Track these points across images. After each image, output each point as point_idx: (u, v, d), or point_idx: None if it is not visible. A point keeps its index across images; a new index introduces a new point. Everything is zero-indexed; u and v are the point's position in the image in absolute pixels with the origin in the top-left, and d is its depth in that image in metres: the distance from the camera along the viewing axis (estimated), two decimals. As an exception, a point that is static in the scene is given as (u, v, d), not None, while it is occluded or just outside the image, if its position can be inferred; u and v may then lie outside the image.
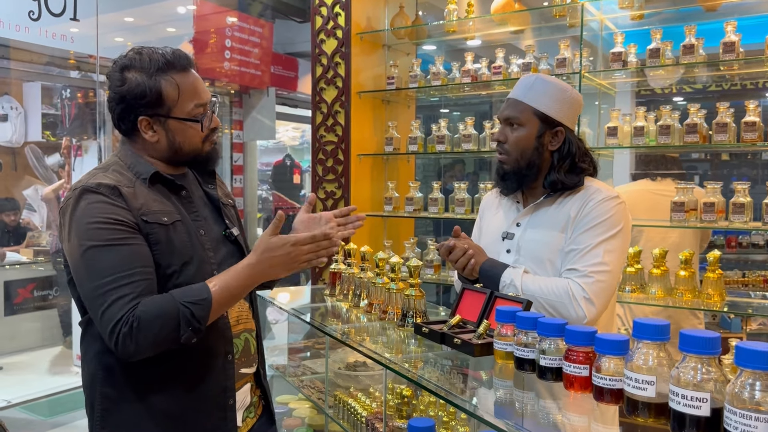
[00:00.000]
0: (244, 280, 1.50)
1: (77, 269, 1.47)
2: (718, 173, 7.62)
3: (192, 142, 1.61)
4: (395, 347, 1.73)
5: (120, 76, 1.55)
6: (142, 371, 1.52)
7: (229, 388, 1.62)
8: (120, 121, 1.58)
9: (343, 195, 3.50)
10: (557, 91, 1.90)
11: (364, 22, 3.57)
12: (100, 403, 1.55)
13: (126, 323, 1.39)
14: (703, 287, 2.70)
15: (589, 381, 1.29)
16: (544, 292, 1.81)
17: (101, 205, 1.47)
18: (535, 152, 1.90)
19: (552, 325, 1.37)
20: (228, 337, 1.62)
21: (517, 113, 1.90)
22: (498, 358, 1.51)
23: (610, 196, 1.87)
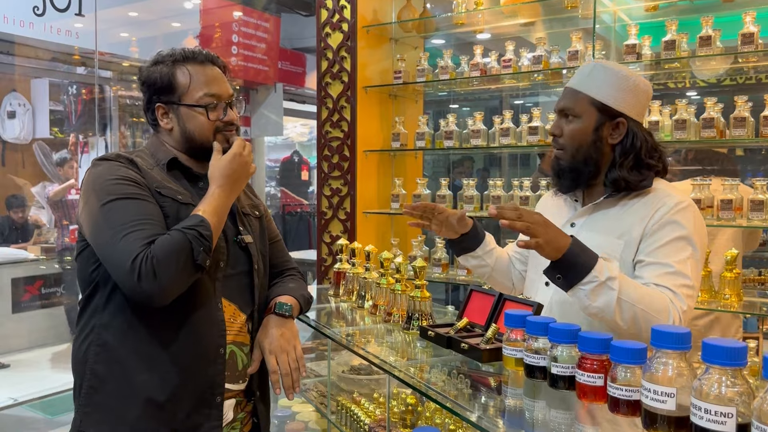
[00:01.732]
0: (223, 198, 1.59)
1: (95, 223, 1.51)
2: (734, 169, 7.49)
3: (202, 131, 1.66)
4: (399, 351, 1.66)
5: (147, 68, 1.68)
6: (135, 350, 1.53)
7: (218, 384, 1.60)
8: (146, 111, 1.71)
9: (349, 192, 3.43)
10: (618, 78, 1.72)
11: (371, 15, 3.49)
12: (88, 380, 1.55)
13: (145, 259, 1.42)
14: (720, 287, 2.61)
15: (603, 391, 1.22)
16: (646, 303, 1.54)
17: (120, 168, 1.57)
18: (592, 146, 1.72)
19: (564, 331, 1.30)
20: (222, 330, 1.61)
21: (572, 103, 1.74)
22: (507, 364, 1.44)
23: (685, 203, 1.68)
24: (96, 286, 1.58)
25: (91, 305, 1.59)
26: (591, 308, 1.53)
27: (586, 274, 1.51)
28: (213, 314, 1.60)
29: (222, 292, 1.63)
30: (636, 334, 1.54)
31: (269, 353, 1.67)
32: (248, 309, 1.71)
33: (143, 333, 1.54)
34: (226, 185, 1.61)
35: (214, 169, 1.62)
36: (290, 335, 1.72)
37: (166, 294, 1.48)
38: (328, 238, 3.52)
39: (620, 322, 1.53)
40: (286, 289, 1.83)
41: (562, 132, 1.77)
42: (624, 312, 1.52)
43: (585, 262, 1.52)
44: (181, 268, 1.47)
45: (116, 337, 1.54)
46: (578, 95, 1.74)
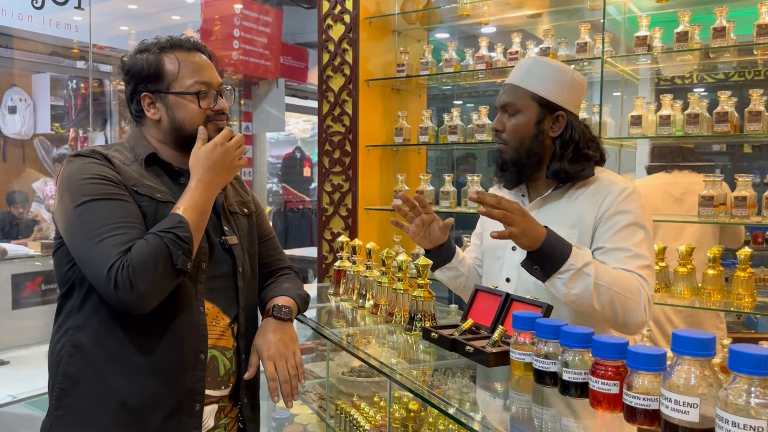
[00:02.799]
0: (203, 193, 1.50)
1: (70, 224, 1.44)
2: (739, 166, 7.39)
3: (192, 120, 1.58)
4: (401, 354, 1.59)
5: (131, 57, 1.60)
6: (110, 352, 1.47)
7: (197, 391, 1.53)
8: (129, 102, 1.62)
9: (350, 188, 3.35)
10: (556, 72, 1.77)
11: (373, 7, 3.40)
12: (60, 383, 1.49)
13: (122, 267, 1.36)
14: (733, 287, 2.53)
15: (619, 399, 1.14)
16: (620, 286, 1.60)
17: (94, 165, 1.49)
18: (534, 140, 1.77)
19: (576, 335, 1.22)
20: (203, 334, 1.54)
21: (514, 99, 1.78)
22: (515, 369, 1.36)
23: (629, 189, 1.75)
24: (72, 286, 1.52)
25: (67, 306, 1.54)
26: (570, 296, 1.59)
27: (563, 263, 1.57)
28: (194, 318, 1.53)
29: (204, 294, 1.56)
30: (612, 318, 1.62)
31: (267, 359, 1.60)
32: (233, 311, 1.63)
33: (119, 336, 1.47)
34: (207, 178, 1.52)
35: (194, 159, 1.53)
36: (289, 340, 1.65)
37: (145, 303, 1.41)
38: (329, 235, 3.44)
39: (597, 307, 1.59)
40: (282, 290, 1.76)
41: (504, 127, 1.80)
42: (601, 296, 1.58)
43: (561, 251, 1.58)
44: (160, 275, 1.40)
45: (91, 339, 1.48)
46: (519, 90, 1.78)
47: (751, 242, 4.28)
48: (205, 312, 1.56)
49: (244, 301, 1.66)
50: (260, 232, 1.81)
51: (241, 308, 1.65)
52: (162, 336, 1.49)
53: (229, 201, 1.70)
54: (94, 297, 1.48)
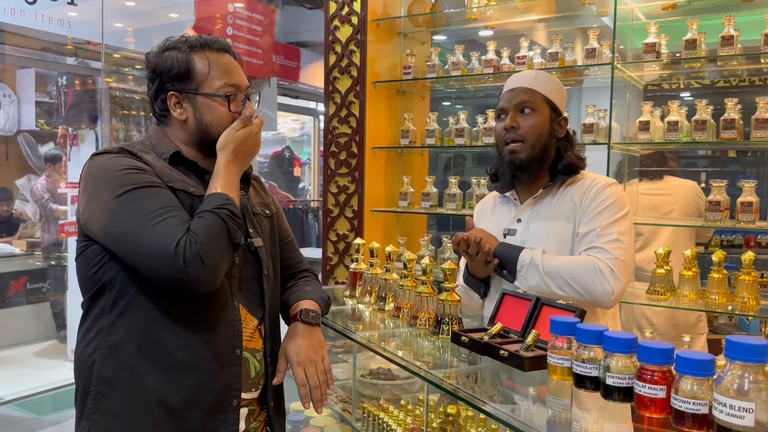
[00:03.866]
0: (234, 173, 1.52)
1: (113, 216, 1.41)
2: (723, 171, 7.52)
3: (220, 123, 1.55)
4: (434, 358, 1.59)
5: (157, 55, 1.57)
6: (147, 351, 1.44)
7: (234, 387, 1.52)
8: (153, 101, 1.59)
9: (356, 189, 3.35)
10: (556, 82, 1.97)
11: (380, 9, 3.41)
12: (95, 386, 1.46)
13: (189, 243, 1.35)
14: (738, 290, 2.58)
15: (666, 403, 1.15)
16: (569, 268, 1.79)
17: (125, 158, 1.47)
18: (549, 137, 1.92)
19: (621, 341, 1.24)
20: (238, 330, 1.53)
21: (531, 98, 1.90)
22: (552, 373, 1.37)
23: (610, 182, 1.93)
24: (101, 287, 1.49)
25: (96, 307, 1.50)
26: (532, 288, 1.79)
27: (515, 263, 1.84)
28: (229, 314, 1.53)
29: (237, 292, 1.56)
30: (575, 296, 1.77)
31: (297, 365, 1.59)
32: (259, 314, 1.63)
33: (155, 334, 1.46)
34: (236, 159, 1.53)
35: (226, 140, 1.53)
36: (318, 345, 1.65)
37: (215, 279, 1.41)
38: (334, 236, 3.44)
39: (557, 290, 1.79)
40: (306, 293, 1.75)
41: (519, 125, 1.90)
42: (554, 280, 1.79)
43: (513, 255, 1.85)
44: (223, 248, 1.42)
45: (126, 339, 1.46)
46: (533, 92, 1.91)
47: (744, 245, 4.37)
48: (238, 309, 1.55)
49: (269, 304, 1.66)
50: (280, 234, 1.81)
51: (266, 311, 1.65)
52: (199, 332, 1.48)
53: (252, 202, 1.69)
54: (127, 296, 1.47)
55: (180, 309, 1.45)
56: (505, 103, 1.94)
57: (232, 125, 1.55)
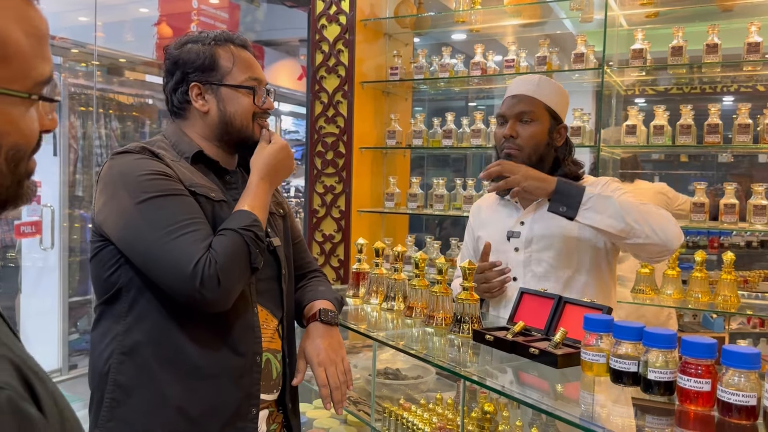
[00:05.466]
0: (266, 192, 1.51)
1: (132, 223, 1.37)
2: (676, 174, 7.81)
3: (243, 115, 1.54)
4: (464, 357, 1.60)
5: (178, 47, 1.55)
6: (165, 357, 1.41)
7: (254, 395, 1.49)
8: (173, 93, 1.55)
9: (344, 190, 3.33)
10: (559, 90, 1.97)
11: (368, 9, 3.40)
12: (110, 393, 1.41)
13: (208, 263, 1.32)
14: (719, 289, 2.68)
15: (711, 396, 1.19)
16: (640, 206, 1.72)
17: (149, 161, 1.43)
18: (547, 147, 1.93)
19: (663, 336, 1.27)
20: (258, 336, 1.50)
21: (532, 107, 1.91)
22: (586, 370, 1.40)
23: (612, 179, 1.95)
24: (117, 291, 1.44)
25: (112, 311, 1.45)
26: (604, 219, 1.69)
27: (582, 195, 1.71)
28: (249, 320, 1.50)
29: (256, 296, 1.53)
30: (650, 232, 1.69)
31: (318, 366, 1.58)
32: (279, 314, 1.61)
33: (174, 339, 1.42)
34: (268, 177, 1.52)
35: (259, 157, 1.53)
36: (337, 345, 1.63)
37: (229, 301, 1.39)
38: (320, 237, 3.41)
39: (632, 224, 1.68)
40: (320, 293, 1.74)
41: (518, 134, 1.91)
42: (630, 214, 1.69)
43: (577, 187, 1.74)
44: (242, 271, 1.39)
45: (143, 344, 1.42)
46: (534, 100, 1.92)
47: (708, 247, 4.55)
48: (258, 314, 1.53)
49: (287, 305, 1.64)
50: (292, 234, 1.79)
51: (285, 311, 1.63)
52: (219, 338, 1.45)
53: None
54: (144, 299, 1.42)
55: (199, 314, 1.41)
56: (505, 109, 1.96)
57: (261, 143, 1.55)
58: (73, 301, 5.34)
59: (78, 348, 5.23)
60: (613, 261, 1.98)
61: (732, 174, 6.64)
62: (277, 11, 7.20)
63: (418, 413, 1.88)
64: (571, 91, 2.13)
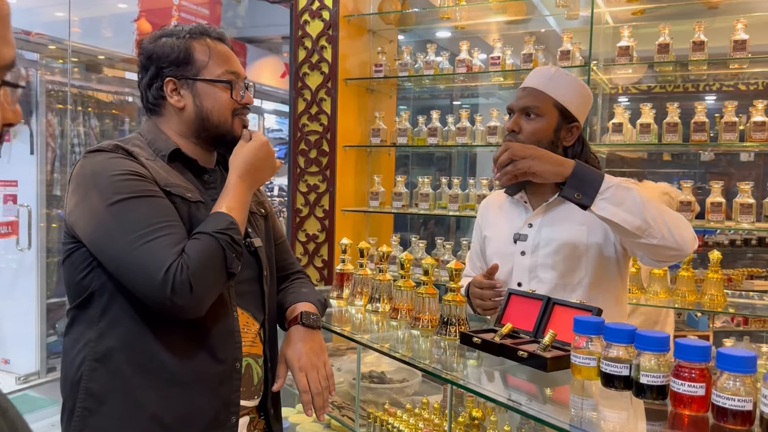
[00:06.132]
0: (246, 193, 1.45)
1: (103, 225, 1.31)
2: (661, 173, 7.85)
3: (221, 110, 1.48)
4: (450, 360, 1.55)
5: (152, 41, 1.49)
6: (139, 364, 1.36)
7: (233, 403, 1.44)
8: (147, 89, 1.50)
9: (327, 189, 3.27)
10: (576, 84, 1.83)
11: (351, 5, 3.35)
12: (82, 401, 1.36)
13: (180, 269, 1.26)
14: (705, 288, 2.67)
15: (705, 401, 1.16)
16: (658, 204, 1.59)
17: (123, 161, 1.37)
18: (551, 146, 1.77)
19: (655, 339, 1.24)
20: (238, 341, 1.45)
21: (537, 102, 1.79)
22: (576, 373, 1.36)
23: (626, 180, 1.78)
24: (90, 295, 1.39)
25: (84, 316, 1.40)
26: (619, 213, 1.54)
27: (600, 183, 1.54)
28: (229, 324, 1.44)
29: (236, 299, 1.47)
30: (666, 233, 1.55)
31: (299, 370, 1.52)
32: (260, 317, 1.55)
33: (149, 345, 1.36)
34: (248, 176, 1.46)
35: (238, 156, 1.46)
36: (319, 349, 1.58)
37: (202, 308, 1.33)
38: (304, 236, 3.35)
39: (651, 221, 1.53)
40: (302, 295, 1.69)
41: (521, 129, 1.79)
42: (648, 211, 1.54)
43: (594, 173, 1.57)
44: (216, 276, 1.33)
45: (117, 350, 1.36)
46: (542, 95, 1.79)
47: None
48: (238, 318, 1.47)
49: (268, 307, 1.59)
50: (274, 234, 1.74)
51: (266, 314, 1.58)
52: (196, 343, 1.39)
53: None
54: (118, 304, 1.36)
55: (175, 319, 1.36)
56: (514, 102, 1.85)
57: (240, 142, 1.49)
58: (51, 302, 5.23)
59: (56, 351, 5.12)
60: (624, 270, 1.86)
61: (711, 172, 6.66)
62: (259, 7, 7.12)
63: (404, 418, 1.84)
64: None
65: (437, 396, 2.04)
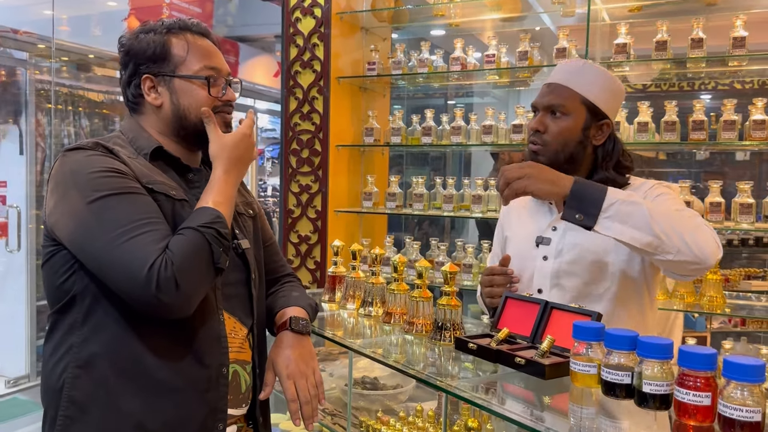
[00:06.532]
0: (232, 186, 1.40)
1: (84, 224, 1.27)
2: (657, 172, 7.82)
3: (198, 108, 1.43)
4: (443, 368, 1.50)
5: (132, 37, 1.45)
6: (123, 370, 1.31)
7: (220, 410, 1.39)
8: (127, 86, 1.46)
9: (320, 189, 3.22)
10: (606, 79, 1.72)
11: (344, 2, 3.29)
12: (64, 410, 1.31)
13: (164, 265, 1.21)
14: (704, 289, 2.63)
15: (711, 410, 1.11)
16: (673, 214, 1.48)
17: (102, 158, 1.33)
18: (578, 146, 1.69)
19: (657, 346, 1.19)
20: (224, 346, 1.40)
21: (563, 100, 1.68)
22: (576, 381, 1.31)
23: (664, 184, 1.72)
24: (72, 299, 1.34)
25: (66, 321, 1.35)
26: (626, 231, 1.44)
27: (602, 200, 1.45)
28: (215, 329, 1.39)
29: (222, 303, 1.42)
30: (681, 245, 1.44)
31: (287, 378, 1.47)
32: (248, 322, 1.51)
33: (133, 351, 1.31)
34: (234, 169, 1.41)
35: (219, 149, 1.40)
36: (308, 356, 1.52)
37: (190, 305, 1.28)
38: (296, 238, 3.29)
39: (662, 236, 1.43)
40: (292, 299, 1.64)
41: (546, 128, 1.69)
42: (660, 224, 1.43)
43: (596, 190, 1.48)
44: (203, 272, 1.29)
45: (99, 357, 1.31)
46: (568, 91, 1.69)
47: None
48: (224, 323, 1.42)
49: (257, 311, 1.54)
50: (263, 235, 1.68)
51: (255, 319, 1.53)
52: (181, 349, 1.34)
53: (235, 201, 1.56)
54: (101, 307, 1.32)
55: (160, 324, 1.31)
56: (537, 98, 1.74)
57: (216, 132, 1.42)
58: (40, 305, 5.16)
59: (46, 354, 5.05)
60: (652, 283, 1.75)
61: (707, 172, 6.63)
62: (252, 6, 7.05)
63: (397, 427, 1.79)
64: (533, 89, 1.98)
65: (432, 402, 1.99)
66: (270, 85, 7.64)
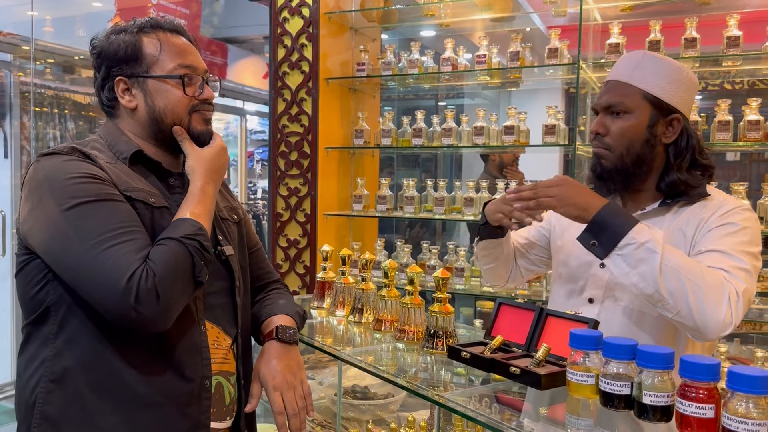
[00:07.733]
0: (209, 201, 1.36)
1: (59, 232, 1.21)
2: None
3: (175, 109, 1.39)
4: (434, 377, 1.45)
5: (104, 39, 1.41)
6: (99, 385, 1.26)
7: (203, 424, 1.34)
8: (101, 90, 1.42)
9: (309, 192, 3.16)
10: (671, 69, 1.55)
11: (332, 2, 3.24)
12: (37, 426, 1.26)
13: (145, 276, 1.17)
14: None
15: (714, 423, 1.07)
16: (694, 274, 1.35)
17: (78, 163, 1.28)
18: (645, 145, 1.54)
19: (658, 356, 1.14)
20: (206, 358, 1.35)
21: (622, 98, 1.54)
22: (573, 391, 1.26)
23: (744, 206, 1.53)
24: (46, 310, 1.29)
25: (40, 333, 1.30)
26: (631, 276, 1.37)
27: (623, 236, 1.37)
28: (196, 340, 1.34)
29: (204, 313, 1.37)
30: (685, 311, 1.36)
31: (274, 390, 1.42)
32: (233, 331, 1.45)
33: (109, 364, 1.26)
34: (212, 182, 1.38)
35: (197, 163, 1.38)
36: (296, 367, 1.47)
37: (169, 320, 1.23)
38: (285, 242, 3.23)
39: (666, 294, 1.35)
40: (279, 307, 1.58)
41: (608, 130, 1.56)
42: (669, 281, 1.34)
43: (621, 223, 1.39)
44: (184, 287, 1.24)
45: (74, 371, 1.26)
46: (628, 88, 1.54)
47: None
48: (206, 333, 1.37)
49: (242, 320, 1.48)
50: (248, 241, 1.63)
51: (240, 328, 1.47)
52: (161, 361, 1.29)
53: (218, 207, 1.51)
54: (76, 319, 1.26)
55: (137, 336, 1.26)
56: (597, 99, 1.61)
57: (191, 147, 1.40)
58: (26, 311, 5.07)
59: (31, 361, 4.96)
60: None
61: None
62: (240, 7, 6.99)
63: (389, 439, 1.74)
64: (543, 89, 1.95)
65: (424, 412, 1.94)
66: (259, 87, 7.58)
